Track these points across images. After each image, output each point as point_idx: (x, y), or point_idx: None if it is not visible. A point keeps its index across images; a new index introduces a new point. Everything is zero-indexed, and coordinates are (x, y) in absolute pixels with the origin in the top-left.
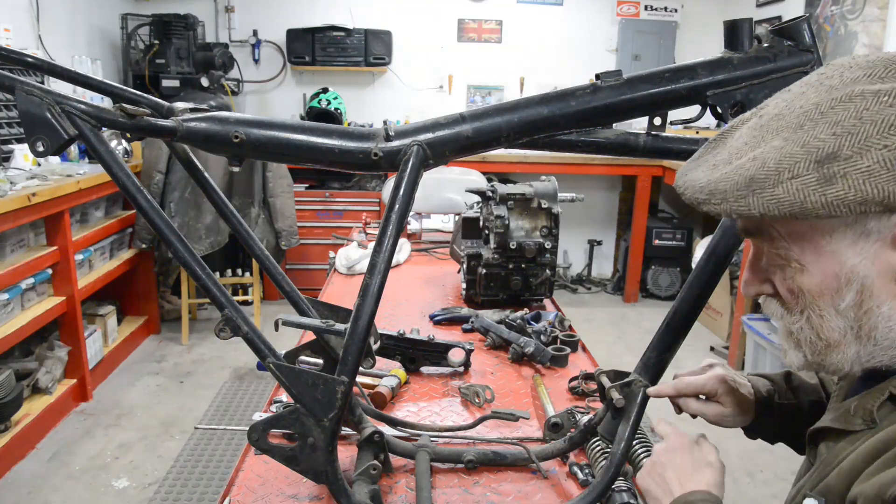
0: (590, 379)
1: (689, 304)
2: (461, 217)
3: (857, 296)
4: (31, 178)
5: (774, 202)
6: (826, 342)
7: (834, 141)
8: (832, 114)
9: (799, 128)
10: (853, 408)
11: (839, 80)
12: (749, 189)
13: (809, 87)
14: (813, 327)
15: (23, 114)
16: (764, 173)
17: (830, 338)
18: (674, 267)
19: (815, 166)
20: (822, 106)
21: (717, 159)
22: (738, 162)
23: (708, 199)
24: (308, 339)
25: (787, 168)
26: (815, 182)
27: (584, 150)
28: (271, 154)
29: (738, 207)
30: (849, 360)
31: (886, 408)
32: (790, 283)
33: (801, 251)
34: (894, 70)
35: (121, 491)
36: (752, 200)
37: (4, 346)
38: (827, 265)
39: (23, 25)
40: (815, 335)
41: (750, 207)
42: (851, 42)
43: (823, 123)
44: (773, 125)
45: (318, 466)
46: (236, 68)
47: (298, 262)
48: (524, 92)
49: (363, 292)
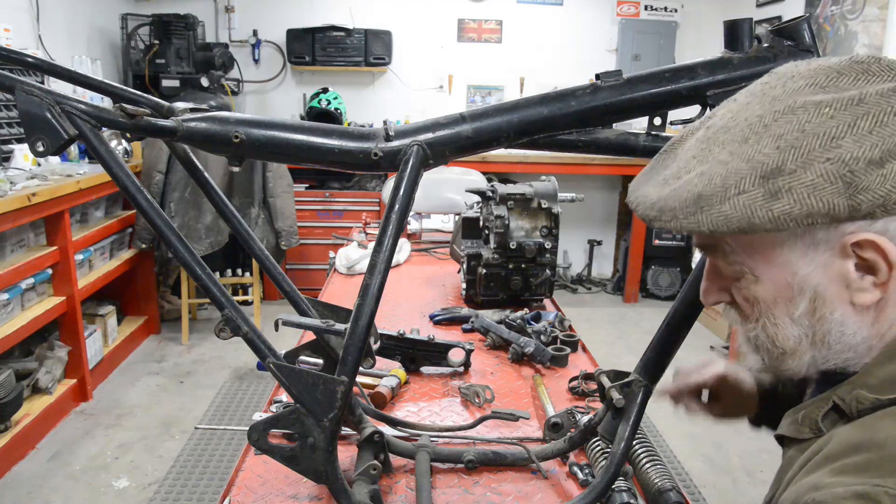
0: (590, 379)
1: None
2: (461, 217)
3: (811, 304)
4: (31, 178)
5: (722, 219)
6: (782, 349)
7: (778, 155)
8: (775, 126)
9: (744, 141)
10: (801, 416)
11: (782, 91)
12: (697, 206)
13: (754, 98)
14: (769, 335)
15: (23, 114)
16: (711, 190)
17: (786, 345)
18: (674, 267)
19: (761, 181)
20: (765, 118)
21: (667, 174)
22: (687, 177)
23: (658, 216)
24: (308, 339)
25: (734, 184)
26: (762, 198)
27: (584, 150)
28: (271, 154)
29: (688, 225)
30: (804, 365)
31: (830, 417)
32: (746, 292)
33: (753, 263)
34: (835, 79)
35: (121, 491)
36: (700, 218)
37: (4, 346)
38: (779, 275)
39: (23, 25)
40: (770, 343)
41: (699, 224)
42: (851, 42)
43: (767, 137)
44: (719, 138)
45: (318, 466)
46: (236, 68)
47: (298, 262)
48: (524, 92)
49: (363, 292)
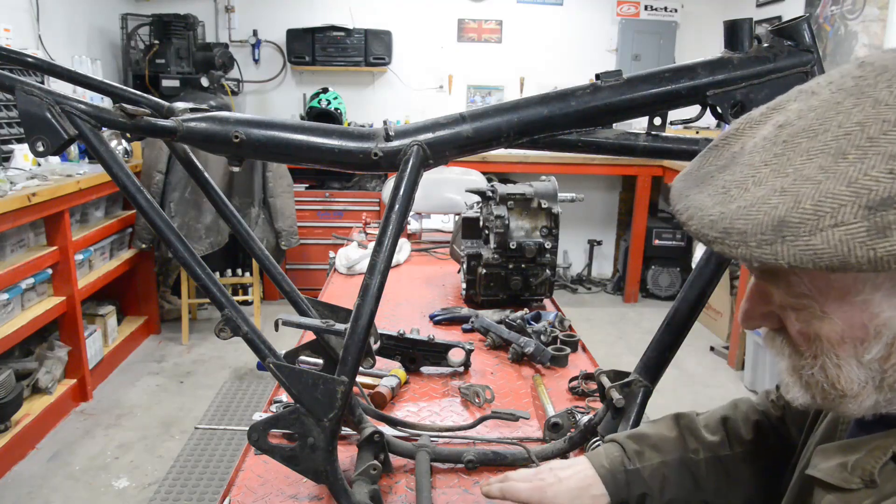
0: (590, 379)
1: (689, 304)
2: (461, 217)
3: (887, 349)
4: (31, 178)
5: (810, 254)
6: (842, 392)
7: (891, 183)
8: (886, 142)
9: (841, 156)
10: (851, 465)
11: (889, 94)
12: (778, 234)
13: (846, 96)
14: (828, 376)
15: (23, 114)
16: (798, 216)
17: (848, 389)
18: (674, 267)
19: (866, 213)
20: (869, 129)
21: (728, 179)
22: (761, 193)
23: (721, 238)
24: (308, 339)
25: (829, 213)
26: (865, 233)
27: (584, 150)
28: (271, 154)
29: (762, 255)
30: (865, 409)
31: (889, 468)
32: (805, 327)
33: (823, 299)
34: None
35: (121, 491)
36: (780, 249)
37: (4, 346)
38: (854, 316)
39: (23, 25)
40: (829, 384)
41: (777, 257)
42: (851, 42)
43: (876, 156)
44: (801, 144)
45: (318, 466)
46: (236, 68)
47: (298, 262)
48: (524, 92)
49: (363, 292)
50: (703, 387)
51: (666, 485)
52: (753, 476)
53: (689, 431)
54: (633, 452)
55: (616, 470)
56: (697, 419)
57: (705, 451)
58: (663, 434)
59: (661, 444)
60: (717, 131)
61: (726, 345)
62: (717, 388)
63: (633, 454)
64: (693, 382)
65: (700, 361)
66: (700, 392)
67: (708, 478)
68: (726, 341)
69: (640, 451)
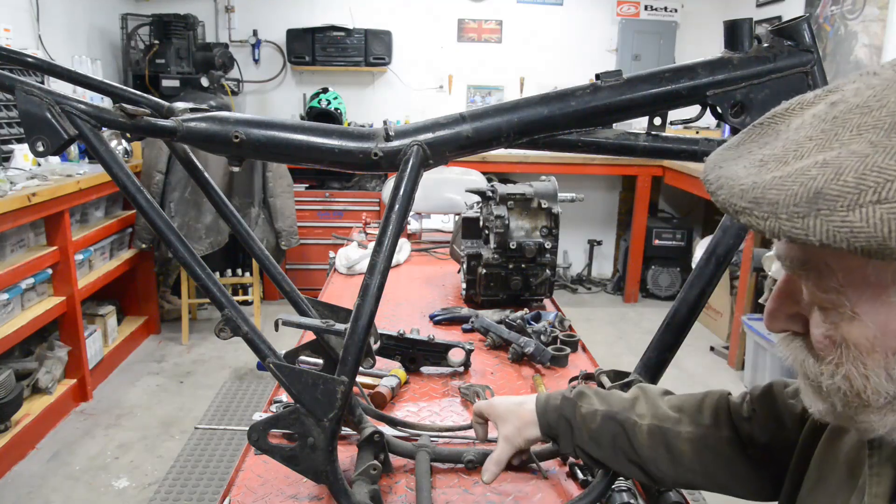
0: (590, 379)
1: (689, 304)
2: (461, 217)
3: None
4: (31, 178)
5: (846, 231)
6: (865, 402)
7: None
8: None
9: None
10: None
11: None
12: (812, 207)
13: None
14: (853, 386)
15: (23, 114)
16: (837, 188)
17: (874, 401)
18: (674, 267)
19: None
20: None
21: (767, 153)
22: (800, 164)
23: (750, 208)
24: (308, 339)
25: (873, 187)
26: None
27: (584, 150)
28: (271, 154)
29: (792, 229)
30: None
31: None
32: (831, 330)
33: (856, 297)
34: None
35: (121, 491)
36: (813, 223)
37: (4, 346)
38: (890, 319)
39: (23, 25)
40: (853, 394)
41: (808, 232)
42: (851, 42)
43: None
44: (852, 119)
45: (318, 466)
46: (236, 68)
47: (298, 262)
48: (524, 92)
49: (363, 292)
50: (703, 387)
51: (598, 434)
52: (696, 457)
53: (647, 399)
54: (578, 393)
55: (553, 397)
56: (664, 395)
57: (651, 418)
58: (620, 394)
59: (611, 398)
60: (717, 131)
61: (726, 345)
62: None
63: (577, 394)
64: (693, 382)
65: (700, 361)
66: None
67: (646, 444)
68: (726, 341)
69: (586, 394)
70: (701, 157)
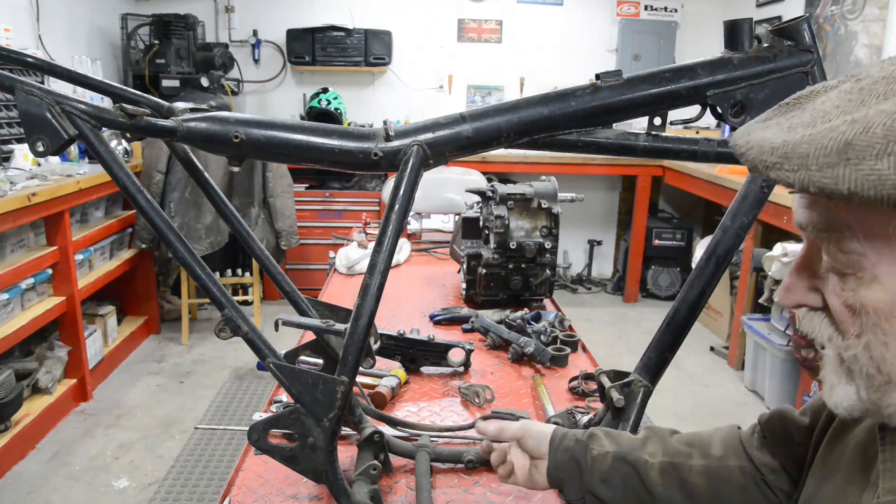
0: (590, 379)
1: (689, 304)
2: (461, 217)
3: None
4: (31, 178)
5: (874, 178)
6: (887, 378)
7: None
8: None
9: None
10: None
11: None
12: (842, 157)
13: None
14: (873, 357)
15: (23, 114)
16: (867, 139)
17: (894, 374)
18: (674, 267)
19: None
20: None
21: (795, 121)
22: (829, 124)
23: (780, 162)
24: (308, 339)
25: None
26: None
27: (584, 150)
28: (271, 154)
29: (822, 179)
30: None
31: None
32: (850, 296)
33: (877, 257)
34: None
35: (121, 491)
36: (842, 172)
37: (4, 346)
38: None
39: (23, 25)
40: (874, 367)
41: (838, 182)
42: (851, 42)
43: None
44: (878, 88)
45: (318, 466)
46: (236, 68)
47: (298, 262)
48: (524, 92)
49: (363, 292)
50: (703, 387)
51: (609, 475)
52: (709, 489)
53: (657, 438)
54: (590, 435)
55: (567, 438)
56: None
57: (663, 455)
58: (630, 435)
59: (621, 439)
60: (718, 131)
61: (726, 345)
62: (717, 388)
63: (589, 436)
64: (693, 382)
65: (700, 361)
66: (700, 392)
67: (658, 482)
68: (726, 341)
69: (597, 436)
70: (701, 158)
